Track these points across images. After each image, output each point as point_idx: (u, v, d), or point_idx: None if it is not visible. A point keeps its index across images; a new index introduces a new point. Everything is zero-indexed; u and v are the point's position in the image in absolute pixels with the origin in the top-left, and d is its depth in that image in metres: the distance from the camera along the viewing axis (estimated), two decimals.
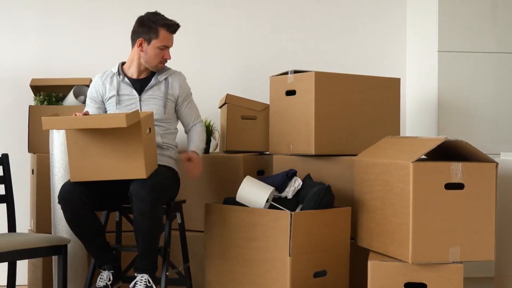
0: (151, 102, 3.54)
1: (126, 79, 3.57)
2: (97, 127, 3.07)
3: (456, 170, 3.08)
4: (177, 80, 3.63)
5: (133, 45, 3.57)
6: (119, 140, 3.15)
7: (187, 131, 3.75)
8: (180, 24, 3.58)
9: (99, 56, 4.57)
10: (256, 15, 4.77)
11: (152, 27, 3.49)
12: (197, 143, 3.67)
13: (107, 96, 3.57)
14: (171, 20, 3.55)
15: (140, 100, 3.54)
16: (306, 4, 4.81)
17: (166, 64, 3.64)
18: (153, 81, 3.56)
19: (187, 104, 3.68)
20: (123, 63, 3.63)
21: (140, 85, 3.57)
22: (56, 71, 4.51)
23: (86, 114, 3.27)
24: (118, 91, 3.55)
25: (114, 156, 3.16)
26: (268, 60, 4.75)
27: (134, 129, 3.12)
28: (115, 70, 3.61)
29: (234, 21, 4.76)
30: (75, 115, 3.23)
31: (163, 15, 3.56)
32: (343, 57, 4.82)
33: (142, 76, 3.59)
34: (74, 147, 3.18)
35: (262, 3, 4.78)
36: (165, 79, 3.59)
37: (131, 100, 3.55)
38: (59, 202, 3.24)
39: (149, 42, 3.50)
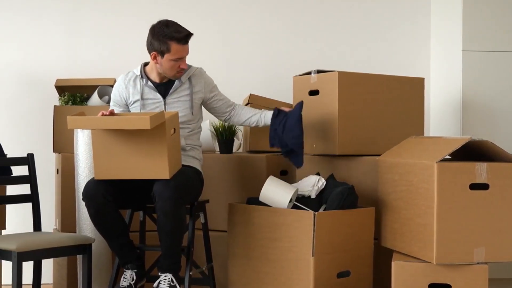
0: (176, 105, 3.51)
1: (149, 82, 3.52)
2: (121, 128, 3.09)
3: (481, 170, 3.06)
4: (200, 79, 3.57)
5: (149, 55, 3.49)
6: (144, 140, 3.17)
7: (230, 115, 3.70)
8: (192, 32, 3.42)
9: (123, 57, 4.59)
10: (280, 15, 4.77)
11: (163, 42, 3.36)
12: (260, 113, 3.68)
13: (131, 100, 3.53)
14: (181, 32, 3.38)
15: (165, 104, 3.51)
16: (330, 5, 4.80)
17: (197, 64, 3.62)
18: (176, 83, 3.52)
19: (217, 96, 3.64)
20: (145, 64, 3.58)
21: (164, 88, 3.52)
22: (80, 71, 4.54)
23: (112, 112, 3.27)
24: (142, 95, 3.51)
25: (138, 155, 3.18)
26: (291, 60, 4.75)
27: (159, 130, 3.13)
28: (137, 72, 3.55)
29: (257, 21, 4.76)
30: (102, 113, 3.23)
31: (174, 26, 3.40)
32: (367, 57, 4.81)
33: (165, 80, 3.54)
34: (99, 145, 3.21)
35: (286, 4, 4.78)
36: (188, 79, 3.57)
37: (155, 104, 3.51)
38: (83, 199, 3.26)
39: (162, 55, 3.40)
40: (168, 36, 3.36)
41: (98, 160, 3.22)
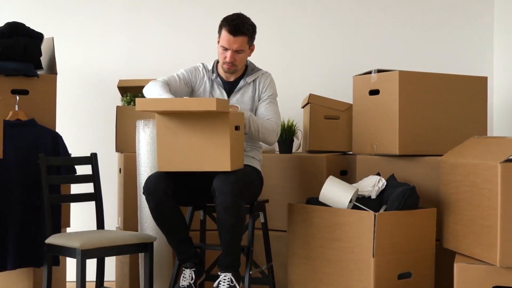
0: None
1: (218, 78, 3.59)
2: (188, 109, 3.09)
3: None
4: (263, 81, 3.58)
5: None
6: (207, 129, 3.17)
7: None
8: (240, 26, 3.41)
9: (184, 57, 4.64)
10: (339, 15, 4.76)
11: (220, 25, 3.50)
12: (255, 116, 3.49)
13: (197, 87, 3.59)
14: (234, 21, 3.44)
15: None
16: (390, 3, 4.76)
17: (257, 65, 3.65)
18: (241, 83, 3.56)
19: (266, 104, 3.58)
20: (218, 61, 3.62)
21: (229, 87, 3.58)
22: (142, 72, 4.61)
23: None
24: (211, 89, 3.58)
25: (201, 146, 3.19)
26: (351, 59, 4.73)
27: (222, 119, 3.14)
28: (210, 66, 3.63)
29: (317, 21, 4.76)
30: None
31: (238, 17, 3.46)
32: (428, 55, 4.75)
33: (231, 79, 3.59)
34: (164, 134, 3.23)
35: (345, 3, 4.75)
36: (253, 81, 3.59)
37: None
38: (143, 193, 3.29)
39: (218, 40, 3.52)
40: (223, 22, 3.48)
41: (161, 151, 3.25)
